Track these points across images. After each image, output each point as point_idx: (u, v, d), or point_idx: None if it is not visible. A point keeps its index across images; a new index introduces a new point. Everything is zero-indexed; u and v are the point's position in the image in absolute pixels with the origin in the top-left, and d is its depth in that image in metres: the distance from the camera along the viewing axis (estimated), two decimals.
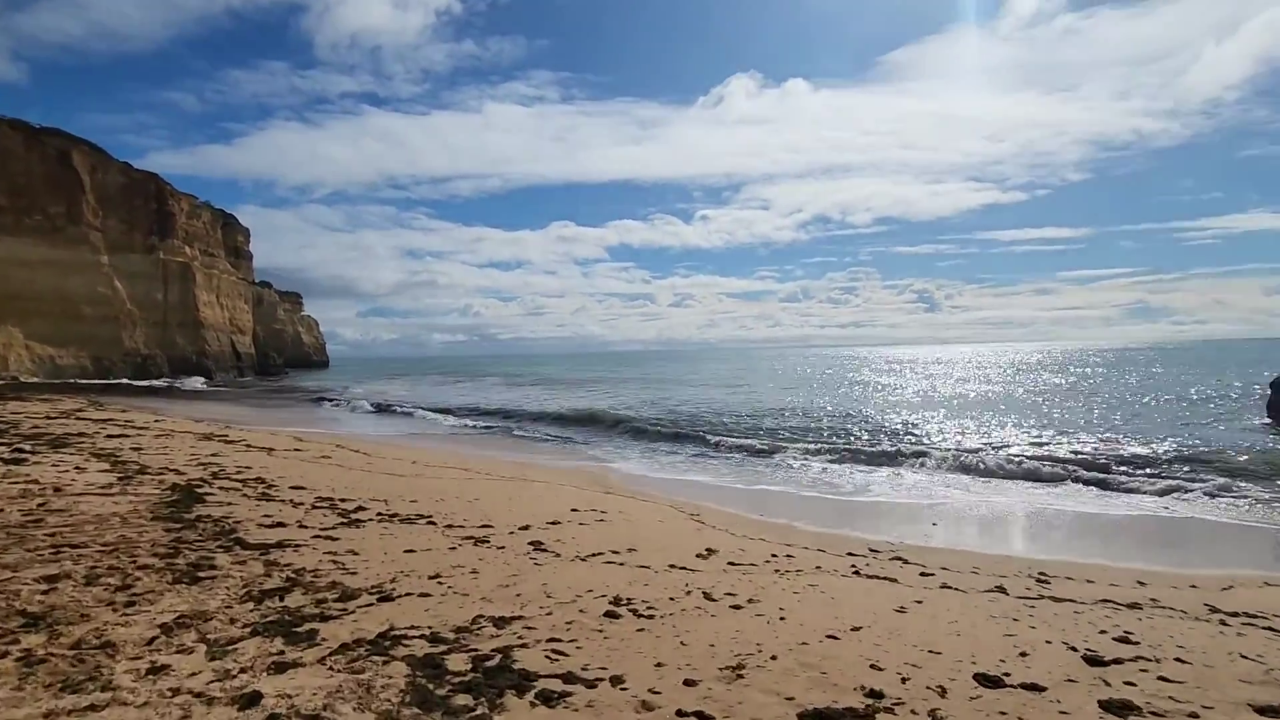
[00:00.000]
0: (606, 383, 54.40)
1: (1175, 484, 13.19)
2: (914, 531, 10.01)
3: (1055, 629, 5.43)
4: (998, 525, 10.74)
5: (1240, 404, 28.54)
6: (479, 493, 11.15)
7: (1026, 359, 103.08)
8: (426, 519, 8.78)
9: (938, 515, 11.17)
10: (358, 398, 40.93)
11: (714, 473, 15.51)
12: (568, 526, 8.82)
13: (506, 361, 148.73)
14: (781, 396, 38.50)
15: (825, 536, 9.19)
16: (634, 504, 11.05)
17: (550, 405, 34.49)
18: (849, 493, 13.06)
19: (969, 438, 20.87)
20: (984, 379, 53.18)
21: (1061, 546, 9.50)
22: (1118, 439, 19.67)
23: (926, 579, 6.97)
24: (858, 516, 11.16)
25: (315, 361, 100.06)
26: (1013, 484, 13.93)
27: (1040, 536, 10.18)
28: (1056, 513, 11.42)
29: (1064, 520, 11.00)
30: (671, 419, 26.79)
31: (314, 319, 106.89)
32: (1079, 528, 10.60)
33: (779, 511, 11.18)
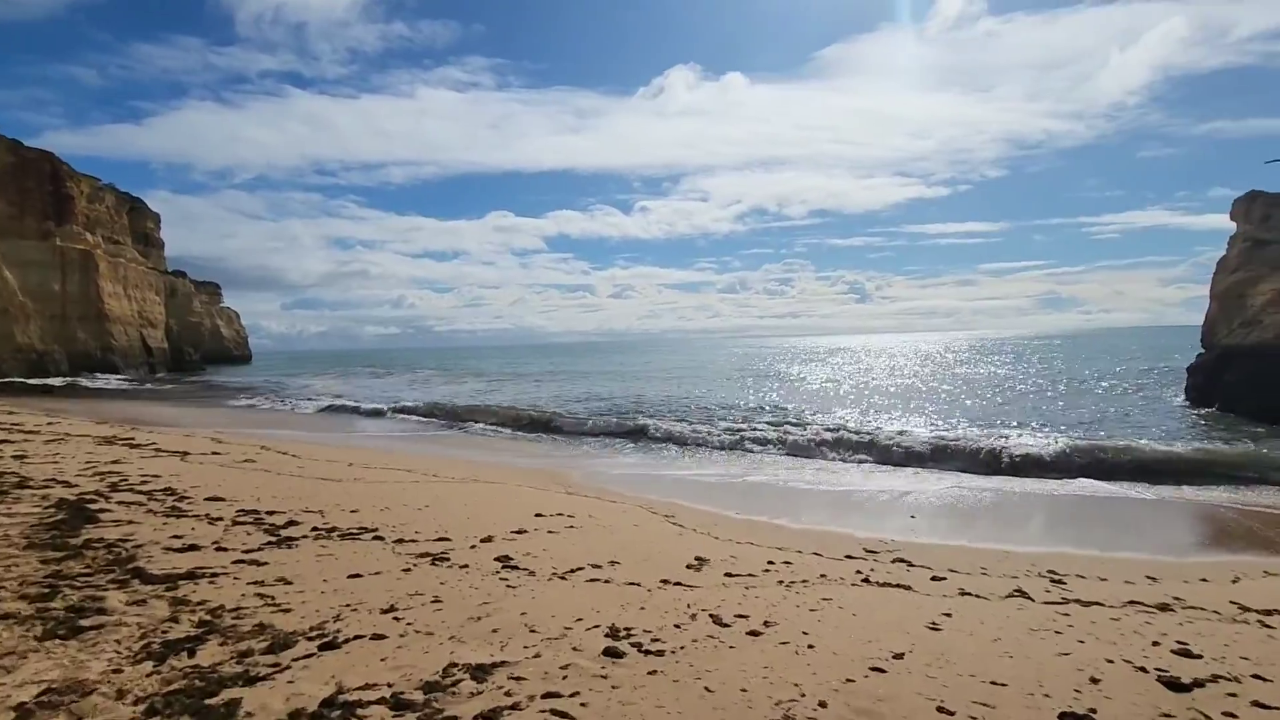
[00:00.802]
0: (548, 375, 52.96)
1: (1119, 464, 13.27)
2: (897, 525, 9.46)
3: (1105, 643, 4.83)
4: (974, 516, 10.33)
5: (1157, 387, 29.93)
6: (429, 498, 9.92)
7: (959, 345, 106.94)
8: (372, 533, 7.55)
9: (911, 506, 10.70)
10: (285, 393, 38.18)
11: (676, 467, 14.71)
12: (536, 536, 7.77)
13: (443, 354, 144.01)
14: (730, 387, 38.23)
15: (814, 535, 8.48)
16: (602, 506, 10.08)
17: (493, 399, 32.99)
18: (815, 483, 12.49)
19: (921, 425, 20.86)
20: (940, 366, 54.56)
21: (1045, 536, 9.13)
22: (1053, 424, 20.05)
23: (940, 584, 6.32)
24: (835, 510, 10.55)
25: (236, 356, 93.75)
26: (968, 473, 13.72)
27: (1019, 525, 9.80)
28: (1020, 497, 11.17)
29: (1029, 506, 10.73)
30: (620, 411, 25.89)
31: (234, 311, 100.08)
32: (1050, 513, 10.32)
33: (752, 506, 10.46)
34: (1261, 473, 12.66)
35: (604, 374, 51.86)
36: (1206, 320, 23.82)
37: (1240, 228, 24.54)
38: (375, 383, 51.79)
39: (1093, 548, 8.29)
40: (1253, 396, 19.96)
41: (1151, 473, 13.06)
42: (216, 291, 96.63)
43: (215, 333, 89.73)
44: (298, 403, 32.64)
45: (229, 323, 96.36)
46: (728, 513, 10.02)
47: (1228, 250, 24.38)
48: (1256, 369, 20.09)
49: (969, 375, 42.56)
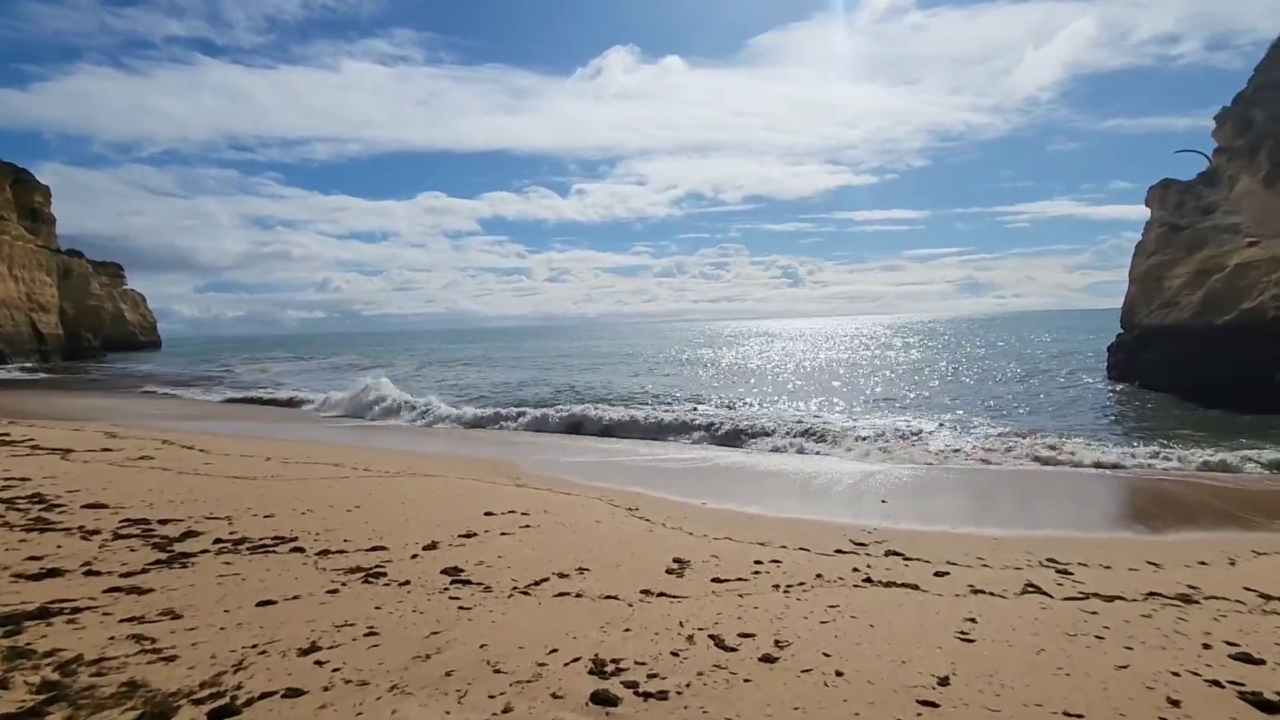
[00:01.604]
0: (484, 360, 50.99)
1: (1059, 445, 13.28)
2: (872, 510, 8.87)
3: (1153, 648, 4.24)
4: (940, 498, 9.86)
5: (1078, 367, 31.14)
6: (359, 497, 8.64)
7: (890, 328, 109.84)
8: (290, 543, 6.29)
9: (880, 488, 10.18)
10: (195, 381, 35.05)
11: (625, 454, 13.79)
12: (488, 539, 6.69)
13: (371, 339, 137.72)
14: (667, 370, 37.66)
15: (793, 526, 7.74)
16: (557, 500, 9.06)
17: (426, 383, 31.20)
18: (779, 468, 11.85)
19: (869, 407, 20.75)
20: (884, 349, 55.61)
21: (1023, 518, 8.73)
22: (994, 407, 20.32)
23: (946, 581, 5.66)
24: (805, 496, 9.89)
25: (144, 342, 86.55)
26: (916, 451, 13.43)
27: (990, 508, 9.38)
28: (969, 476, 10.86)
29: (985, 485, 10.40)
30: (560, 396, 24.80)
31: (140, 294, 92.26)
32: (1012, 493, 9.99)
33: (716, 491, 9.68)
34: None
35: (541, 359, 50.42)
36: (1126, 302, 24.72)
37: (1155, 213, 25.54)
38: (295, 368, 48.55)
39: (1072, 529, 7.92)
40: (1170, 373, 20.77)
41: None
42: (119, 273, 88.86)
43: (118, 317, 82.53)
44: (208, 391, 29.87)
45: (134, 306, 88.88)
46: (694, 501, 9.19)
47: (1144, 235, 25.34)
48: (1173, 348, 20.90)
49: (920, 360, 43.48)
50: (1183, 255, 22.59)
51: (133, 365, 54.96)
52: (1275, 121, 23.52)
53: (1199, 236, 22.52)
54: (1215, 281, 20.32)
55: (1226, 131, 26.46)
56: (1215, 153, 26.47)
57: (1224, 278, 20.08)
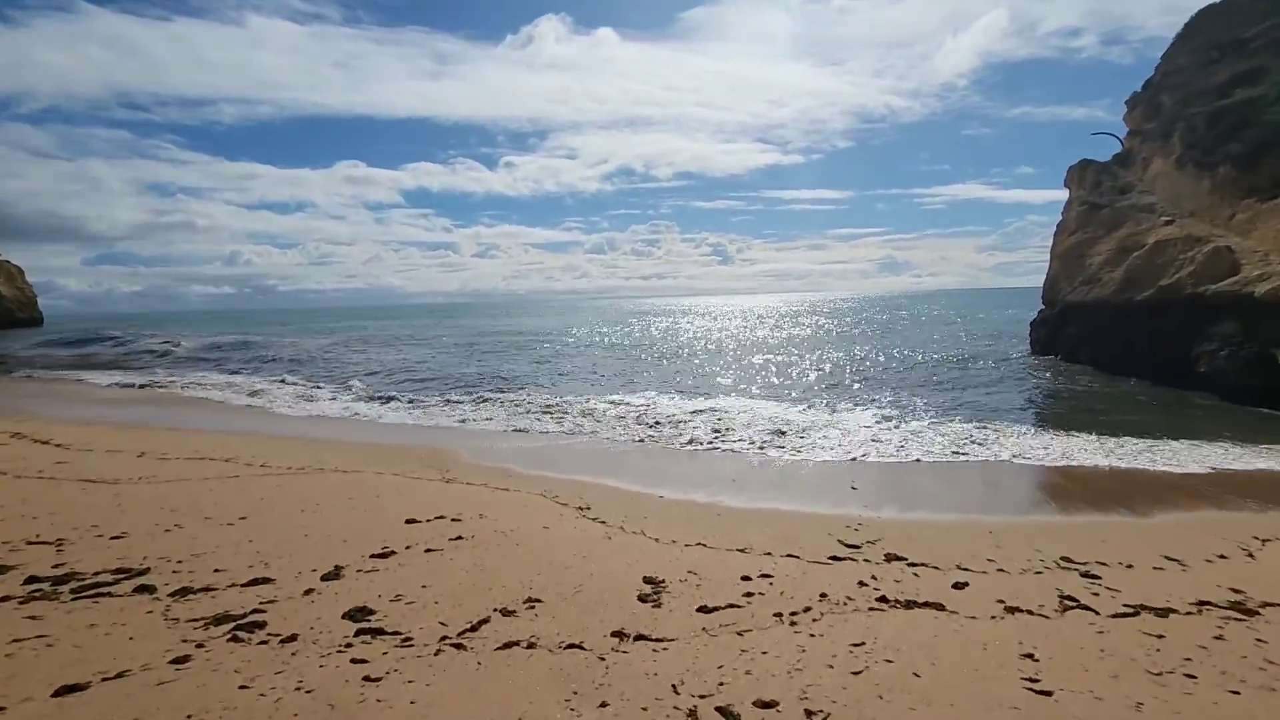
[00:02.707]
0: (409, 339, 47.99)
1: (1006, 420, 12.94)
2: (843, 496, 7.94)
3: (1259, 689, 3.37)
4: (901, 484, 9.08)
5: (1001, 342, 31.89)
6: (249, 503, 6.96)
7: (822, 306, 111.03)
8: (138, 578, 4.67)
9: (842, 473, 9.31)
10: (74, 362, 30.97)
11: (565, 436, 12.41)
12: (409, 559, 5.26)
13: (283, 316, 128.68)
14: (597, 348, 36.33)
15: (767, 520, 6.67)
16: (494, 498, 7.65)
17: (342, 362, 28.66)
18: (722, 447, 10.82)
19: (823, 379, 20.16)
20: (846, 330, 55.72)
21: (995, 502, 8.03)
22: (927, 383, 20.14)
23: (969, 594, 4.71)
24: (764, 481, 8.86)
25: (21, 319, 77.26)
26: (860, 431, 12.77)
27: (957, 489, 8.65)
28: (915, 458, 10.22)
29: (941, 466, 9.76)
30: (483, 375, 23.11)
31: (16, 266, 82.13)
32: (966, 476, 9.35)
33: (671, 477, 8.53)
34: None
35: (472, 334, 47.93)
36: (1048, 279, 25.19)
37: (1074, 193, 26.07)
38: (186, 347, 44.02)
39: (1053, 513, 7.25)
40: (1091, 347, 21.21)
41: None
42: None
43: None
44: (88, 374, 26.27)
45: (9, 280, 79.22)
46: (651, 493, 8.01)
47: (1064, 214, 25.84)
48: (1095, 322, 21.33)
49: (854, 338, 43.70)
50: (1103, 233, 23.05)
51: (8, 344, 48.58)
52: (1184, 106, 24.28)
53: (1118, 215, 23.01)
54: (1135, 259, 20.74)
55: (1137, 116, 27.29)
56: (1128, 136, 27.28)
57: (1143, 255, 20.52)
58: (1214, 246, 18.37)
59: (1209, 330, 17.35)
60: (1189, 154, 21.61)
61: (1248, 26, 25.81)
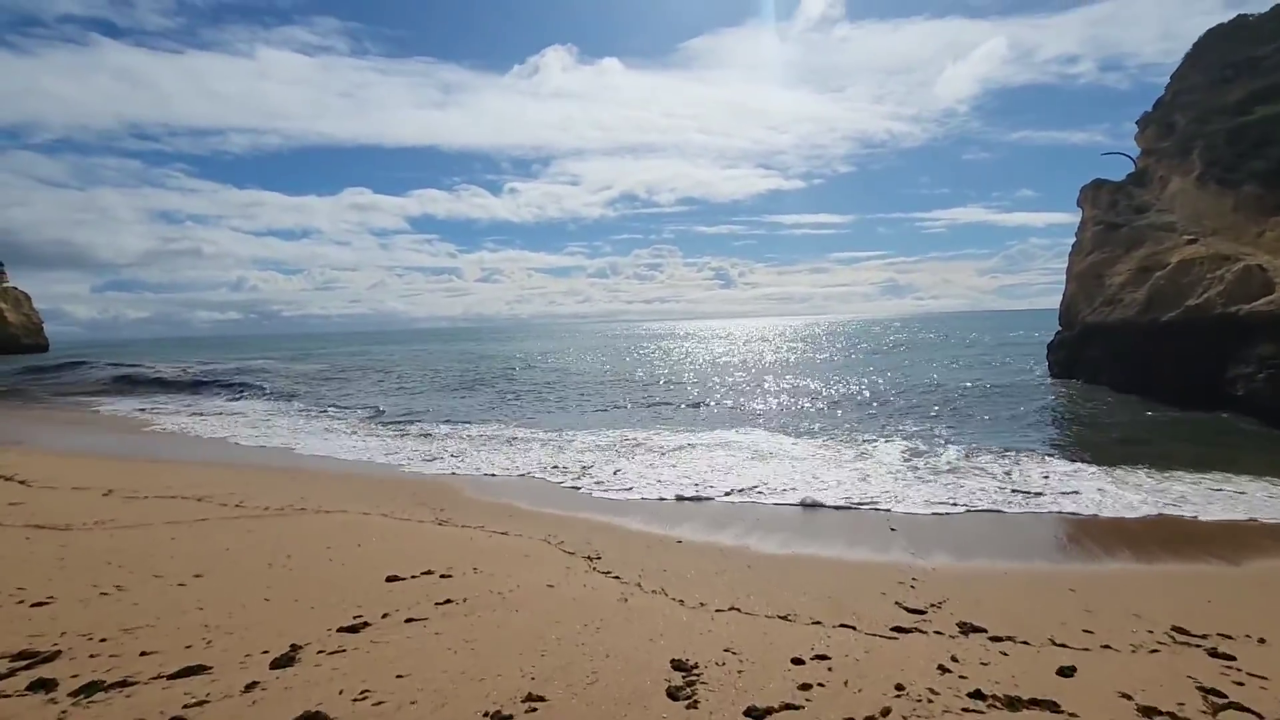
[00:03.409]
0: (409, 364, 47.10)
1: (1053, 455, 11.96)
2: (882, 538, 6.97)
3: None
4: (948, 522, 8.10)
5: (1012, 364, 30.94)
6: (211, 554, 5.99)
7: (837, 329, 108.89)
8: (40, 665, 3.69)
9: (879, 512, 8.33)
10: (71, 386, 30.12)
11: (571, 469, 11.43)
12: (384, 636, 4.29)
13: (290, 341, 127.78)
14: (612, 374, 35.42)
15: (806, 571, 5.68)
16: (491, 545, 6.68)
17: (340, 390, 27.81)
18: (730, 480, 9.83)
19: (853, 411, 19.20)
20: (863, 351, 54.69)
21: (1058, 549, 7.05)
22: (955, 409, 19.18)
23: (1078, 685, 3.72)
24: (792, 522, 7.88)
25: (27, 345, 76.84)
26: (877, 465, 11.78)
27: (1007, 535, 7.66)
28: (955, 493, 9.22)
29: (1001, 512, 8.76)
30: (487, 403, 22.22)
31: (23, 293, 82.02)
32: (1027, 518, 8.35)
33: (686, 515, 7.55)
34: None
35: (469, 362, 47.08)
36: (1065, 300, 24.32)
37: (1088, 213, 25.33)
38: (188, 372, 43.18)
39: (1126, 560, 6.25)
40: (1113, 370, 20.25)
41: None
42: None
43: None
44: (87, 399, 25.41)
45: (15, 306, 79.02)
46: (669, 534, 7.03)
47: (1080, 234, 25.07)
48: (1116, 344, 20.39)
49: (871, 364, 42.73)
50: (1122, 253, 22.23)
51: (9, 368, 47.76)
52: (1201, 124, 23.63)
53: (1137, 234, 22.21)
54: (1159, 279, 19.87)
55: (1150, 135, 26.67)
56: (1142, 155, 26.63)
57: (1167, 275, 19.65)
58: (1244, 265, 17.51)
59: (1244, 352, 16.41)
60: (1210, 172, 20.86)
61: (1259, 45, 25.27)
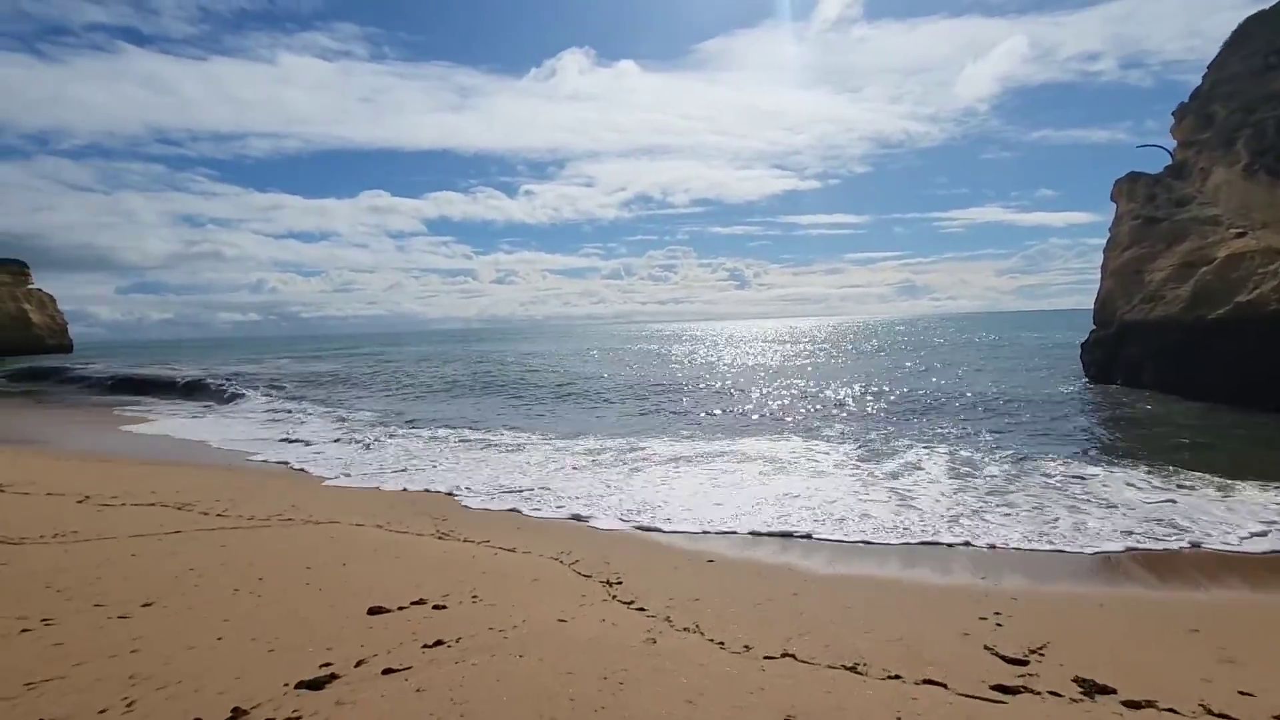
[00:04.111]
0: (425, 364, 46.47)
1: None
2: (943, 558, 5.98)
3: None
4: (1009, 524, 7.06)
5: (1042, 365, 29.59)
6: (171, 574, 5.15)
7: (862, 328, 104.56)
8: None
9: (933, 523, 7.31)
10: (74, 381, 29.73)
11: (590, 470, 10.50)
12: (356, 693, 3.38)
13: (307, 342, 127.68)
14: (630, 372, 34.47)
15: (863, 597, 4.71)
16: (497, 564, 5.78)
17: (352, 390, 27.11)
18: (763, 485, 8.84)
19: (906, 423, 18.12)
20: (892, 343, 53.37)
21: (1148, 570, 6.01)
22: (988, 410, 18.06)
23: None
24: (837, 533, 6.89)
25: (51, 346, 77.45)
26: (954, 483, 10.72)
27: (1085, 548, 6.62)
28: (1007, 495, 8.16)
29: (1065, 524, 7.69)
30: (505, 406, 21.38)
31: (48, 295, 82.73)
32: (1103, 533, 7.29)
33: (719, 525, 6.61)
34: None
35: (487, 363, 46.38)
36: (1100, 297, 23.08)
37: (1123, 207, 24.08)
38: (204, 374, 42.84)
39: (1232, 588, 5.22)
40: (1156, 371, 19.04)
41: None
42: (22, 271, 79.63)
43: (20, 319, 73.63)
44: (90, 400, 24.92)
45: (40, 308, 79.70)
46: (700, 549, 6.09)
47: (1115, 229, 23.83)
48: (1159, 343, 19.17)
49: (892, 364, 41.41)
50: (1163, 248, 20.98)
51: (27, 368, 47.69)
52: (1245, 114, 22.30)
53: (1178, 228, 20.95)
54: (1205, 274, 18.63)
55: (1187, 126, 25.30)
56: (1179, 147, 25.30)
57: (1214, 270, 18.40)
58: None
59: None
60: (1259, 162, 19.54)
61: None
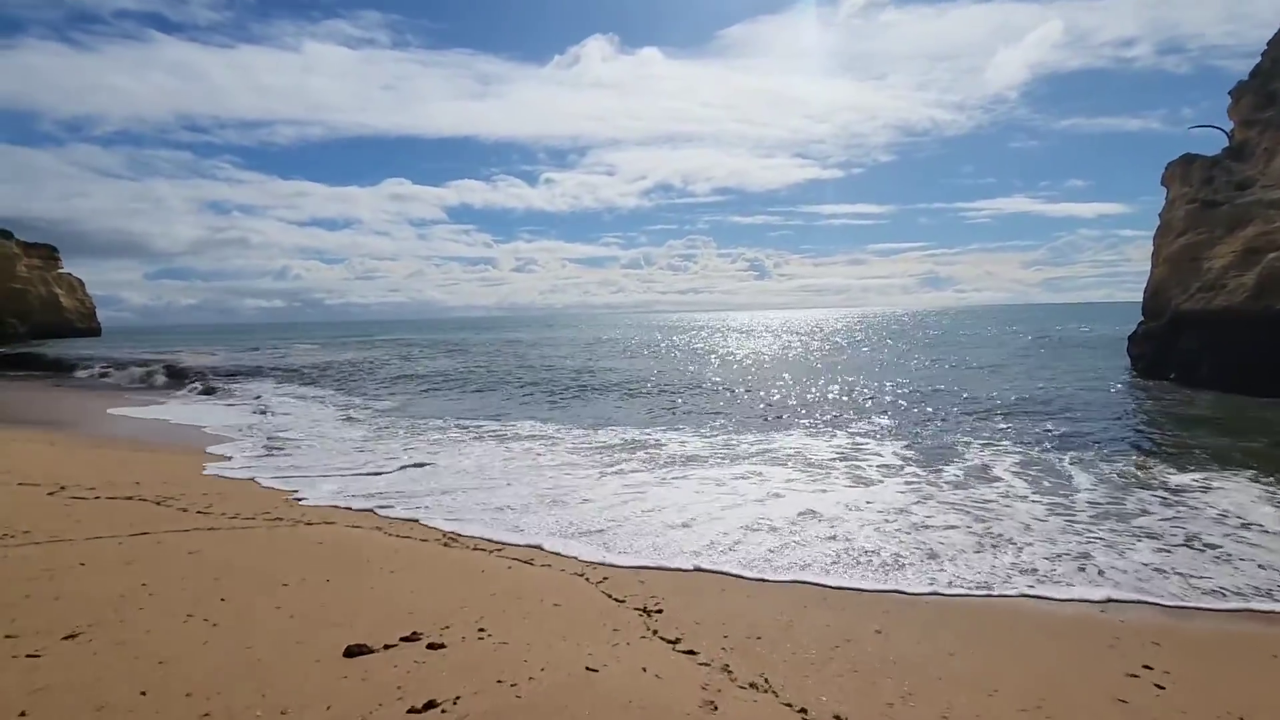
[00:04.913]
0: (448, 352, 45.72)
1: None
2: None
3: None
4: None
5: (1084, 359, 27.97)
6: (117, 591, 4.21)
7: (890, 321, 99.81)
8: None
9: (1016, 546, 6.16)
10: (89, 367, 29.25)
11: (622, 469, 9.45)
12: None
13: (329, 329, 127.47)
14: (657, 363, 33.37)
15: (978, 641, 3.67)
16: (513, 582, 4.76)
17: (369, 379, 26.36)
18: (819, 492, 7.72)
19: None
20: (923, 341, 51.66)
21: None
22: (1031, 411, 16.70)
23: None
24: (914, 553, 5.80)
25: (80, 329, 77.99)
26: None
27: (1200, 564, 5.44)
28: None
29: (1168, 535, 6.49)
30: (528, 398, 20.42)
31: (77, 279, 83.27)
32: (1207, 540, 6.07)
33: (771, 538, 5.55)
34: None
35: (512, 353, 45.44)
36: (1151, 286, 21.52)
37: (1176, 191, 22.43)
38: (238, 358, 42.44)
39: None
40: (1217, 364, 17.52)
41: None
42: (53, 255, 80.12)
43: (50, 302, 74.13)
44: (97, 385, 24.33)
45: (70, 291, 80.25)
46: (757, 578, 5.03)
47: (1167, 214, 22.21)
48: (1221, 336, 17.66)
49: (929, 360, 39.74)
50: (1223, 233, 19.38)
51: (58, 351, 47.70)
52: None
53: (1240, 213, 19.32)
54: (1273, 261, 17.08)
55: (1245, 106, 23.47)
56: (1237, 128, 23.53)
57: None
58: None
59: None
60: None
61: None
